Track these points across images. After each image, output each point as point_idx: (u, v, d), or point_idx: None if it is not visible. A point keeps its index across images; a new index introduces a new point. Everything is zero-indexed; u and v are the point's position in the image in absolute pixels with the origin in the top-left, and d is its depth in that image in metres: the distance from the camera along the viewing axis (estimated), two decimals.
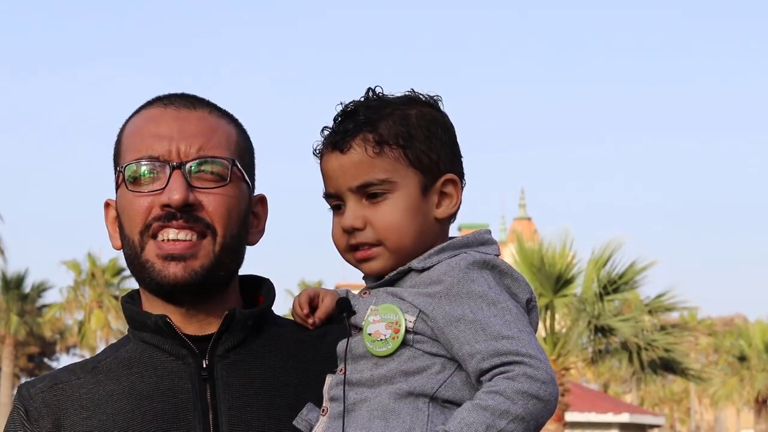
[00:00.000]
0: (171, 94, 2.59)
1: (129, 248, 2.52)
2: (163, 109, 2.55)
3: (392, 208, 2.33)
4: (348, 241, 2.36)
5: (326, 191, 2.39)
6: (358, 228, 2.34)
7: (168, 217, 2.45)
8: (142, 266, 2.49)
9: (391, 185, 2.33)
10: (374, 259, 2.35)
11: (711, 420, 77.19)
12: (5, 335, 56.31)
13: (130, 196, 2.49)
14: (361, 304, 2.36)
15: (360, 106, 2.37)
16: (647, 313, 23.18)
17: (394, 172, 2.33)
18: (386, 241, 2.33)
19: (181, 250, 2.45)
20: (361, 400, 2.28)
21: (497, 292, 2.26)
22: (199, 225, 2.46)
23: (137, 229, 2.48)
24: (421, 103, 2.40)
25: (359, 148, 2.33)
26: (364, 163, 2.33)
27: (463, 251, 2.32)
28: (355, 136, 2.34)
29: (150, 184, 2.48)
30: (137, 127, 2.55)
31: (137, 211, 2.48)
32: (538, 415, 2.17)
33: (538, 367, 2.18)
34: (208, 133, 2.52)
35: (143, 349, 2.53)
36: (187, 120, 2.52)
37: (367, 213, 2.34)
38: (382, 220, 2.33)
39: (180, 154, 2.48)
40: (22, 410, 2.52)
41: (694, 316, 57.20)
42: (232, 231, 2.50)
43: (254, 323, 2.54)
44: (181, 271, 2.45)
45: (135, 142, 2.52)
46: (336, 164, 2.35)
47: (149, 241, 2.47)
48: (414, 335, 2.28)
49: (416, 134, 2.35)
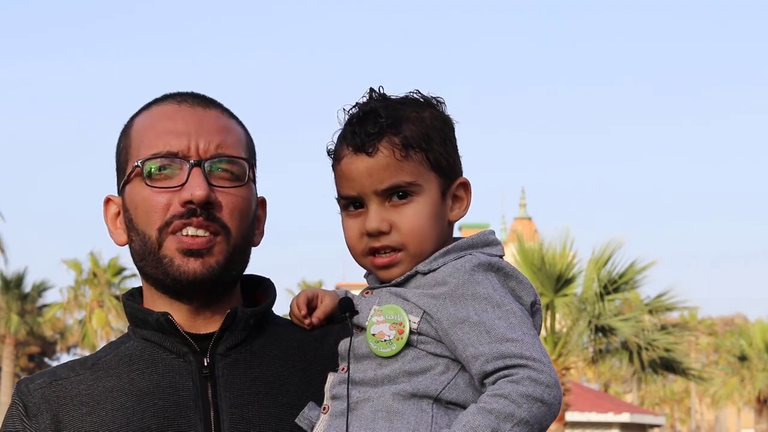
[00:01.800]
0: (181, 92, 2.57)
1: (143, 244, 2.49)
2: (177, 106, 2.53)
3: (417, 211, 2.31)
4: (368, 244, 2.34)
5: (345, 193, 2.36)
6: (383, 231, 2.32)
7: (189, 213, 2.44)
8: (158, 261, 2.47)
9: (417, 188, 2.32)
10: (396, 265, 2.33)
11: (711, 420, 77.18)
12: (5, 335, 56.31)
13: (147, 192, 2.47)
14: (364, 304, 2.35)
15: (379, 107, 2.34)
16: (648, 313, 23.15)
17: (419, 176, 2.32)
18: (410, 245, 2.31)
19: (200, 246, 2.44)
20: (364, 399, 2.28)
21: (502, 295, 2.25)
22: (215, 224, 2.46)
23: (156, 225, 2.46)
24: (430, 105, 2.38)
25: (387, 150, 2.31)
26: (392, 166, 2.31)
27: (468, 253, 2.31)
28: (381, 138, 2.31)
29: (168, 180, 2.46)
30: (150, 123, 2.52)
31: (156, 207, 2.46)
32: (543, 419, 2.17)
33: (543, 371, 2.17)
34: (224, 132, 2.51)
35: (144, 346, 2.52)
36: (203, 117, 2.51)
37: (392, 216, 2.32)
38: (408, 223, 2.31)
39: (199, 150, 2.47)
40: (21, 406, 2.51)
41: (694, 315, 57.24)
42: (244, 232, 2.50)
43: (255, 322, 2.53)
44: (200, 266, 2.45)
45: (150, 137, 2.49)
46: (362, 166, 2.32)
47: (169, 237, 2.46)
48: (418, 336, 2.27)
49: (434, 137, 2.34)
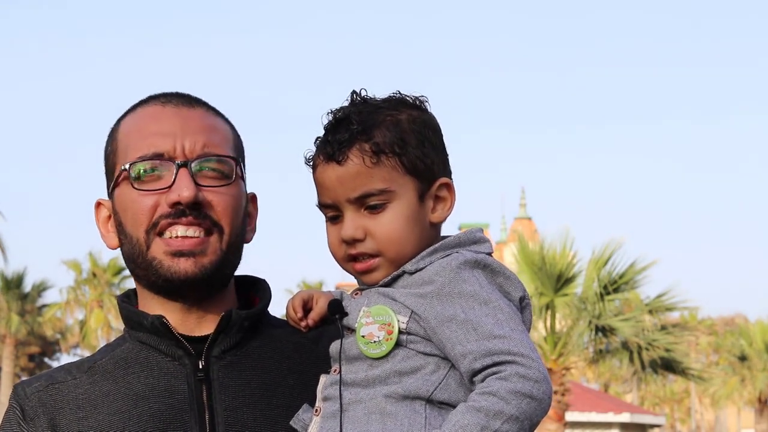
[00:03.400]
0: (166, 93, 2.57)
1: (132, 246, 2.50)
2: (161, 107, 2.53)
3: (392, 218, 2.31)
4: (346, 251, 2.34)
5: (322, 201, 2.36)
6: (358, 239, 2.32)
7: (177, 214, 2.44)
8: (148, 264, 2.48)
9: (390, 195, 2.31)
10: (375, 270, 2.33)
11: (711, 420, 77.19)
12: (5, 335, 56.34)
13: (134, 194, 2.47)
14: (353, 306, 2.35)
15: (351, 113, 2.33)
16: (648, 313, 23.16)
17: (392, 182, 2.31)
18: (387, 252, 2.31)
19: (190, 246, 2.45)
20: (356, 401, 2.27)
21: (489, 291, 2.25)
22: (207, 222, 2.46)
23: (143, 228, 2.47)
24: (410, 106, 2.37)
25: (356, 158, 2.30)
26: (362, 174, 2.30)
27: (455, 251, 2.31)
28: (351, 146, 2.31)
29: (155, 182, 2.47)
30: (136, 126, 2.52)
31: (143, 210, 2.47)
32: (532, 414, 2.16)
33: (531, 366, 2.17)
34: (209, 130, 2.51)
35: (139, 349, 2.52)
36: (188, 117, 2.51)
37: (366, 223, 2.31)
38: (383, 230, 2.31)
39: (185, 151, 2.47)
40: (18, 409, 2.51)
41: (694, 315, 57.26)
42: (237, 230, 2.51)
43: (250, 324, 2.53)
44: (192, 266, 2.45)
45: (136, 140, 2.50)
46: (333, 175, 2.32)
47: (155, 239, 2.46)
48: (407, 335, 2.27)
49: (409, 140, 2.32)
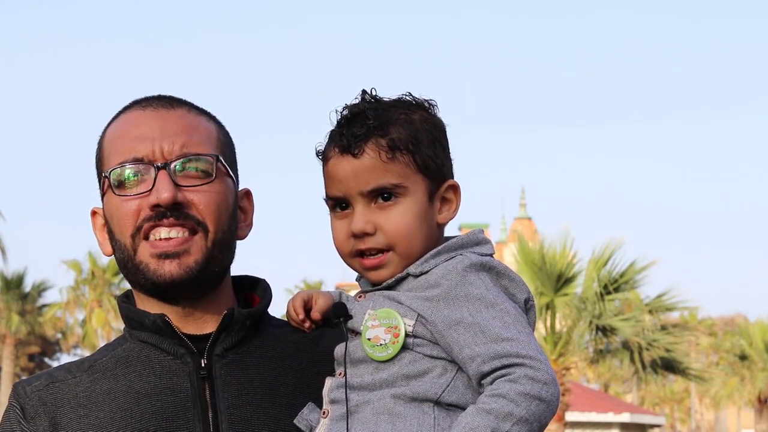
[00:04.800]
0: (148, 96, 2.60)
1: (121, 252, 2.52)
2: (141, 111, 2.55)
3: (403, 213, 2.32)
4: (354, 246, 2.34)
5: (331, 194, 2.37)
6: (368, 233, 2.32)
7: (158, 216, 2.46)
8: (136, 268, 2.49)
9: (403, 190, 2.32)
10: (385, 266, 2.33)
11: (711, 420, 77.21)
12: (6, 335, 56.33)
13: (117, 200, 2.50)
14: (358, 309, 2.34)
15: (367, 109, 2.35)
16: (648, 313, 23.18)
17: (405, 178, 2.32)
18: (397, 247, 2.31)
19: (174, 247, 2.46)
20: (363, 402, 2.27)
21: (495, 294, 2.25)
22: (191, 222, 2.47)
23: (128, 233, 2.49)
24: (421, 107, 2.38)
25: (372, 152, 2.31)
26: (377, 168, 2.31)
27: (459, 253, 2.31)
28: (367, 140, 2.32)
29: (136, 186, 2.48)
30: (118, 132, 2.55)
31: (126, 215, 2.48)
32: (541, 416, 2.17)
33: (539, 368, 2.17)
34: (189, 130, 2.53)
35: (141, 348, 2.53)
36: (167, 119, 2.53)
37: (377, 218, 2.32)
38: (394, 225, 2.31)
39: (164, 153, 2.49)
40: (18, 408, 2.51)
41: (694, 315, 57.18)
42: (223, 227, 2.51)
43: (252, 323, 2.54)
44: (177, 268, 2.46)
45: (117, 146, 2.52)
46: (347, 168, 2.33)
47: (141, 243, 2.48)
48: (414, 339, 2.27)
49: (422, 139, 2.34)
